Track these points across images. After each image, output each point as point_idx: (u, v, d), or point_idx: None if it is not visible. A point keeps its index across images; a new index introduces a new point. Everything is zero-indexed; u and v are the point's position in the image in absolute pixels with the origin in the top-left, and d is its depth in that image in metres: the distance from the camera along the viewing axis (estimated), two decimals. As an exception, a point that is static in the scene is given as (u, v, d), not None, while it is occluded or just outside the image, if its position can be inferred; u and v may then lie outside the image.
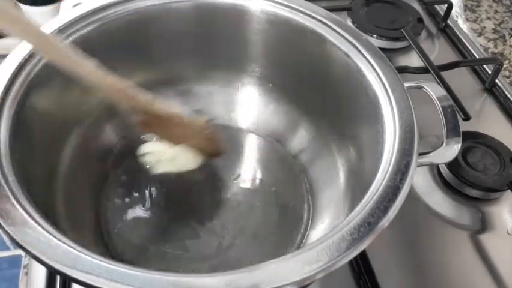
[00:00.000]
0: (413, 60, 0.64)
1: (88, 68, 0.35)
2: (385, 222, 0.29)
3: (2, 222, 0.28)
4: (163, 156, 0.43)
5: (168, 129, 0.42)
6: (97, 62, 0.35)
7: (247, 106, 0.51)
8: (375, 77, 0.38)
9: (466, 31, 0.71)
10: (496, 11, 0.82)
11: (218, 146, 0.45)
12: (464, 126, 0.41)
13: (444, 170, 0.51)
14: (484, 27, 0.78)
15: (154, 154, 0.43)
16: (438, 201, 0.50)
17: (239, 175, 0.48)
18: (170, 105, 0.41)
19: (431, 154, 0.38)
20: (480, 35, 0.77)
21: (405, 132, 0.34)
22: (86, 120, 0.44)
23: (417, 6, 0.73)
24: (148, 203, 0.45)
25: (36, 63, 0.37)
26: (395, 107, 0.36)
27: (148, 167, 0.43)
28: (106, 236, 0.42)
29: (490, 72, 0.62)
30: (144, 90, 0.39)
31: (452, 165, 0.50)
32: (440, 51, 0.68)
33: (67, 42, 0.40)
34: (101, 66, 0.35)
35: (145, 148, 0.43)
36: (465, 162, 0.51)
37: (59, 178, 0.40)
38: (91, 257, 0.27)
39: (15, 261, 0.98)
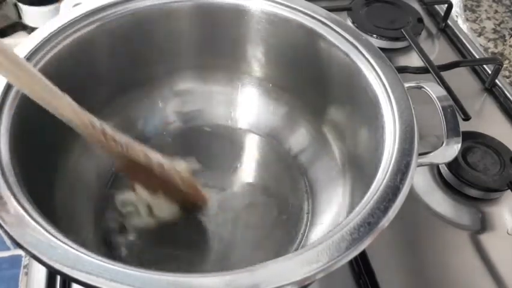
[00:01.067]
0: (413, 60, 0.64)
1: (63, 102, 0.33)
2: (385, 222, 0.29)
3: (2, 222, 0.28)
4: (140, 209, 0.40)
5: (145, 175, 0.38)
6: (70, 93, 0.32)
7: (248, 106, 0.51)
8: (375, 77, 0.38)
9: (466, 31, 0.71)
10: (496, 11, 0.82)
11: (197, 196, 0.42)
12: (464, 126, 0.41)
13: (444, 170, 0.51)
14: (484, 27, 0.78)
15: (131, 205, 0.41)
16: (438, 201, 0.50)
17: (239, 175, 0.48)
18: (149, 151, 0.38)
19: (431, 154, 0.38)
20: (480, 35, 0.77)
21: (405, 132, 0.34)
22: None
23: (417, 6, 0.73)
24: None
25: (36, 63, 0.37)
26: (395, 107, 0.36)
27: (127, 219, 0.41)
28: (106, 236, 0.42)
29: (490, 72, 0.62)
30: (121, 133, 0.36)
31: (452, 165, 0.50)
32: (440, 51, 0.68)
33: (40, 67, 0.36)
34: (76, 97, 0.33)
35: (121, 198, 0.41)
36: (465, 162, 0.51)
37: (60, 178, 0.40)
38: (91, 257, 0.27)
39: (15, 261, 0.98)
